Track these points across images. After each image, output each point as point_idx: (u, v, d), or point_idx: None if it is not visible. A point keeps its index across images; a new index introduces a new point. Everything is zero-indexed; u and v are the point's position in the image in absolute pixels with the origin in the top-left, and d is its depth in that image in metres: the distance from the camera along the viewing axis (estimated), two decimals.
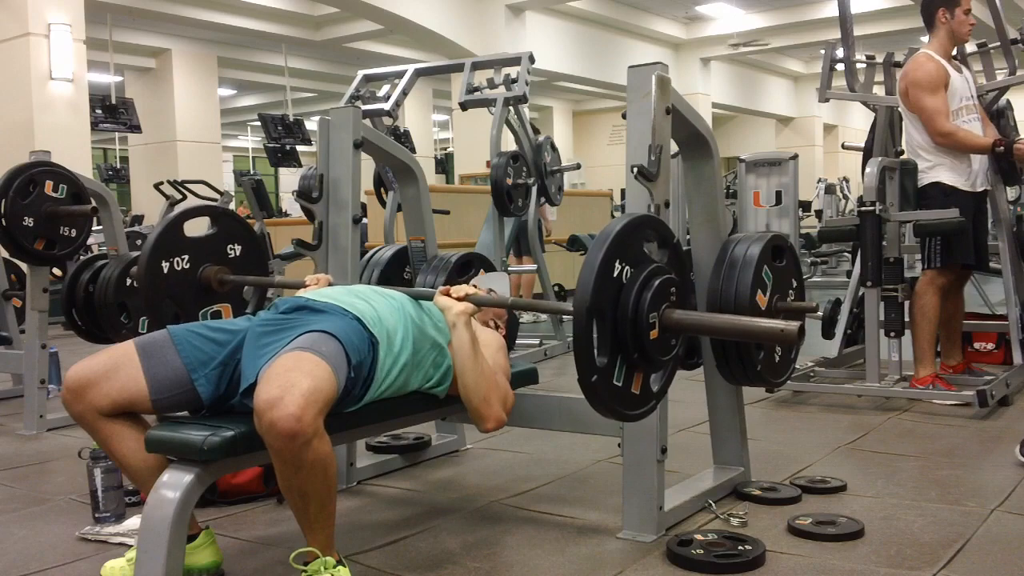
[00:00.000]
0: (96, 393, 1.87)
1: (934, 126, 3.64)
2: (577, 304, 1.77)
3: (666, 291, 1.90)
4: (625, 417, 1.96)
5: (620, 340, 1.85)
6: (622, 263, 1.85)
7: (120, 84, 14.44)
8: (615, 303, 1.84)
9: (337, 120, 2.80)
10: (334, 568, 1.81)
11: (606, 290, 1.81)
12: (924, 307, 3.69)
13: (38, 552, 2.28)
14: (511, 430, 3.07)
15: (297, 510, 1.80)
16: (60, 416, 3.80)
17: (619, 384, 1.88)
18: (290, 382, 1.70)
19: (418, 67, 5.22)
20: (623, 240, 1.86)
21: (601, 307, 1.80)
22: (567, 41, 14.75)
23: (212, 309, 2.66)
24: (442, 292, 2.18)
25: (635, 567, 2.05)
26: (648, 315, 1.85)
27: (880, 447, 3.10)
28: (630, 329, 1.85)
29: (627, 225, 1.89)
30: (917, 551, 2.09)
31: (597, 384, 1.81)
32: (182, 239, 2.62)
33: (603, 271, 1.80)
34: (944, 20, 3.73)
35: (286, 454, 1.69)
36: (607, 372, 1.84)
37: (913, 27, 13.44)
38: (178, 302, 2.61)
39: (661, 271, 1.91)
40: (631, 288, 1.85)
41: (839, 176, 15.06)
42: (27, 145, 6.09)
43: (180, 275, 2.60)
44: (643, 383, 1.95)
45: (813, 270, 10.77)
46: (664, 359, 1.95)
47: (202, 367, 1.94)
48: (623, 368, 1.87)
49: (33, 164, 3.76)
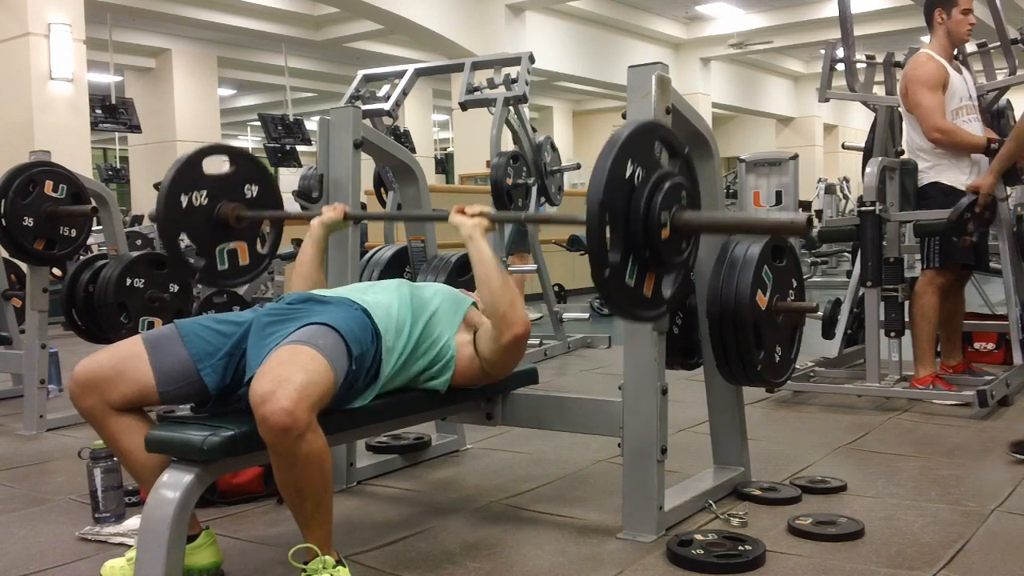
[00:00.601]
0: (105, 388, 1.88)
1: (931, 122, 3.63)
2: (590, 200, 1.78)
3: (677, 193, 1.92)
4: (636, 317, 1.98)
5: (632, 239, 1.87)
6: (634, 164, 1.86)
7: (120, 84, 14.43)
8: (627, 201, 1.85)
9: (337, 120, 2.80)
10: (333, 568, 1.81)
11: (618, 188, 1.82)
12: (924, 307, 3.69)
13: (38, 552, 2.28)
14: (511, 430, 3.07)
15: (294, 507, 1.81)
16: (60, 416, 3.80)
17: (631, 283, 1.90)
18: (283, 376, 1.71)
19: (418, 67, 5.22)
20: (635, 141, 1.87)
21: (613, 204, 1.81)
22: (567, 41, 14.75)
23: (228, 247, 2.67)
24: (457, 210, 2.24)
25: (635, 567, 2.05)
26: (659, 214, 1.87)
27: (880, 447, 3.10)
28: (642, 228, 1.86)
29: (638, 128, 1.90)
30: (917, 551, 2.08)
31: (610, 280, 1.83)
32: (201, 175, 2.62)
33: (615, 170, 1.81)
34: (941, 20, 3.74)
35: (280, 448, 1.70)
36: (619, 270, 1.86)
37: (913, 27, 13.45)
38: (194, 237, 2.61)
39: (672, 175, 1.93)
40: (643, 188, 1.87)
41: (839, 176, 15.07)
42: (27, 145, 6.09)
43: (198, 210, 2.59)
44: (655, 286, 1.97)
45: (813, 270, 10.76)
46: (675, 260, 1.98)
47: (208, 358, 1.95)
48: (635, 268, 1.90)
49: (33, 164, 3.76)
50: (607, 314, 7.63)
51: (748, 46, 16.85)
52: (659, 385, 2.21)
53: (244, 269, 2.73)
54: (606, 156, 1.80)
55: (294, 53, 15.59)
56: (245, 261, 2.72)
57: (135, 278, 3.82)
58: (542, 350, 5.44)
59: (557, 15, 14.44)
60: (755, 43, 16.81)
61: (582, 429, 2.51)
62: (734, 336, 2.33)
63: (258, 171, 2.76)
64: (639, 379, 2.24)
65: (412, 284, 2.26)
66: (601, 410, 2.39)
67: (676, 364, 2.56)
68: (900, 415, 3.57)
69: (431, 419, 2.68)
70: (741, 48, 16.90)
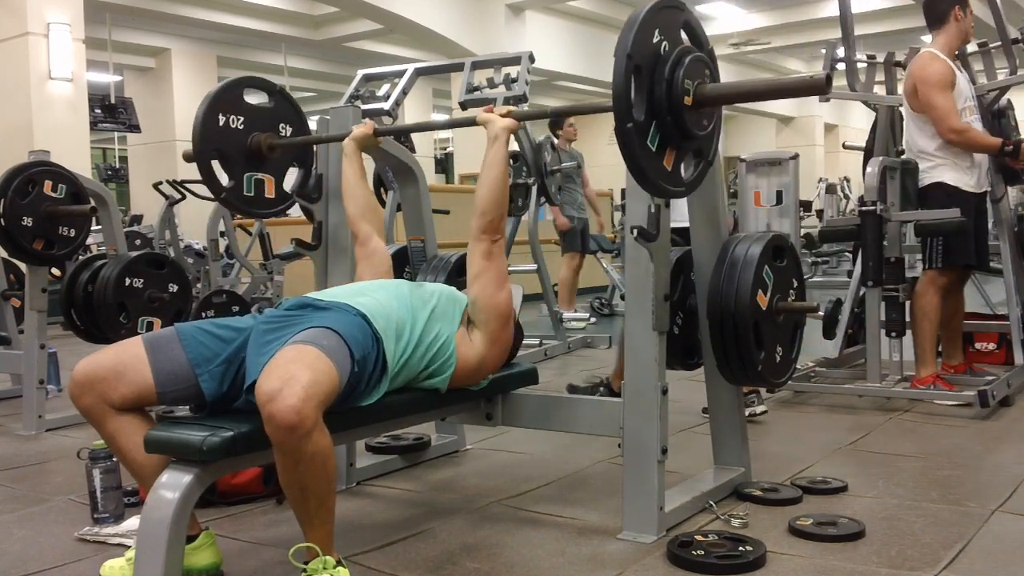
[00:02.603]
0: (105, 387, 1.88)
1: (947, 123, 3.62)
2: (618, 51, 1.83)
3: (702, 69, 1.99)
4: (652, 185, 1.99)
5: (656, 101, 1.91)
6: (661, 35, 1.93)
7: (119, 84, 14.42)
8: (654, 63, 1.91)
9: (337, 120, 2.80)
10: (334, 568, 1.81)
11: (646, 48, 1.88)
12: (925, 307, 3.69)
13: (37, 552, 2.28)
14: (511, 430, 3.06)
15: (297, 505, 1.81)
16: (59, 416, 3.80)
17: (652, 148, 1.92)
18: (290, 374, 1.72)
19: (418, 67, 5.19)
20: (661, 13, 1.95)
21: (639, 62, 1.86)
22: (567, 41, 14.74)
23: (256, 176, 2.73)
24: (486, 110, 2.34)
25: (635, 568, 2.04)
26: (684, 81, 1.91)
27: (881, 447, 3.10)
28: (666, 91, 1.90)
29: (668, 2, 1.98)
30: (918, 552, 2.08)
31: (631, 132, 1.85)
32: (241, 102, 2.71)
33: (643, 32, 1.87)
34: (959, 17, 3.72)
35: (286, 446, 1.71)
36: (642, 128, 1.89)
37: (913, 27, 13.43)
38: (225, 160, 2.67)
39: (697, 53, 1.98)
40: (668, 56, 1.93)
41: (840, 176, 15.05)
42: (26, 145, 6.08)
43: (232, 133, 2.67)
44: (674, 162, 2.00)
45: (814, 270, 10.77)
46: (696, 134, 2.00)
47: (206, 363, 1.95)
48: (657, 134, 1.93)
49: (32, 164, 3.76)
50: (607, 314, 7.63)
51: (748, 46, 16.84)
52: (659, 385, 2.21)
53: (269, 201, 2.79)
54: (636, 15, 1.89)
55: (294, 53, 15.57)
56: (271, 194, 2.78)
57: (134, 278, 3.82)
58: (542, 350, 5.44)
59: (557, 15, 14.43)
60: (755, 43, 16.80)
61: (582, 429, 2.50)
62: (734, 336, 2.32)
63: (294, 111, 2.84)
64: (639, 379, 2.23)
65: (411, 283, 2.26)
66: (601, 410, 2.39)
67: (676, 364, 2.55)
68: (901, 415, 3.57)
69: (431, 419, 2.68)
70: (741, 48, 16.89)
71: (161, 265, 3.98)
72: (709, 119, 2.07)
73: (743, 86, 2.23)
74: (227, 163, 2.68)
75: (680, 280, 2.52)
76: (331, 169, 2.78)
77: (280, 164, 2.81)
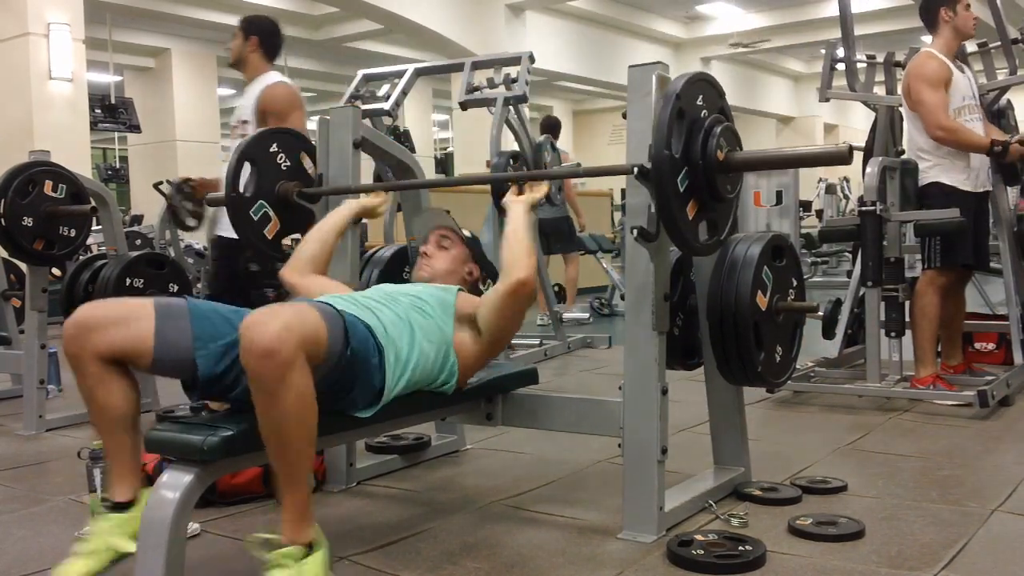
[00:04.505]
0: (102, 335, 1.86)
1: (934, 119, 3.62)
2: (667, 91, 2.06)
3: (734, 140, 2.15)
4: (675, 229, 2.06)
5: (692, 148, 2.06)
6: (704, 101, 2.13)
7: (119, 84, 14.41)
8: (696, 115, 2.09)
9: (337, 120, 2.80)
10: (300, 560, 1.72)
11: (691, 99, 2.09)
12: (924, 307, 3.69)
13: (37, 552, 2.28)
14: (511, 430, 3.07)
15: (276, 459, 1.75)
16: (59, 416, 3.79)
17: (680, 189, 2.04)
18: (274, 312, 1.73)
19: (418, 67, 5.22)
20: (705, 85, 2.16)
21: (684, 106, 2.05)
22: (567, 41, 14.74)
23: (266, 210, 2.75)
24: (514, 192, 2.49)
25: (635, 567, 2.04)
26: (720, 139, 2.08)
27: (881, 447, 3.10)
28: (703, 140, 2.06)
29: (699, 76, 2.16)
30: (918, 551, 2.08)
31: (666, 159, 1.98)
32: None
33: (690, 87, 2.08)
34: (948, 18, 3.73)
35: (263, 377, 1.65)
36: (676, 166, 2.03)
37: (913, 27, 13.39)
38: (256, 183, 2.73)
39: (732, 127, 2.15)
40: (708, 117, 2.11)
41: (840, 176, 15.05)
42: (26, 145, 6.07)
43: (271, 167, 2.76)
44: (695, 215, 2.11)
45: (813, 270, 10.77)
46: (721, 195, 2.13)
47: (209, 340, 1.92)
48: (687, 179, 2.06)
49: (32, 164, 3.76)
50: (607, 314, 7.63)
51: (748, 46, 16.85)
52: (659, 385, 2.21)
53: (264, 239, 2.77)
54: (686, 74, 2.12)
55: (294, 53, 15.55)
56: (270, 234, 2.77)
57: (134, 278, 3.81)
58: (542, 350, 5.44)
59: (557, 15, 14.44)
60: (755, 43, 16.80)
61: (582, 429, 2.50)
62: (734, 336, 2.32)
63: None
64: (639, 379, 2.23)
65: (408, 304, 2.20)
66: (601, 410, 2.39)
67: (676, 364, 2.55)
68: (901, 415, 3.57)
69: (431, 419, 2.68)
70: (741, 48, 16.89)
71: (161, 265, 3.98)
72: (733, 186, 2.18)
73: (769, 155, 2.44)
74: (257, 184, 2.73)
75: (680, 280, 2.52)
76: (331, 169, 2.78)
77: (292, 216, 2.81)
